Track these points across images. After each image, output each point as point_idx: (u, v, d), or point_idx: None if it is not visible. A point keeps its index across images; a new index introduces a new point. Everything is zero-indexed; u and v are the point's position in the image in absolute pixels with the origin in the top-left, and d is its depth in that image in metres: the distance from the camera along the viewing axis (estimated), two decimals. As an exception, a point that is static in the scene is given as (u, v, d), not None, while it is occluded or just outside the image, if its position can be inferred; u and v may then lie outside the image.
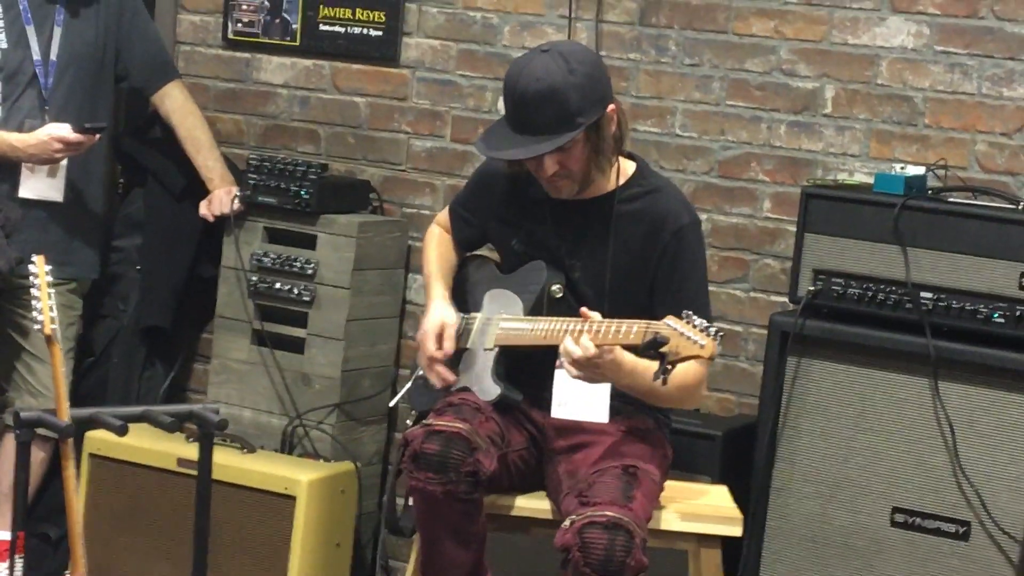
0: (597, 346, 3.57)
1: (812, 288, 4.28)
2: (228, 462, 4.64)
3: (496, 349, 3.88)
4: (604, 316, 3.70)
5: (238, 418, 5.01)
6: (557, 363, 3.69)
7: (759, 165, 4.76)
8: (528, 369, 3.87)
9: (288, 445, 4.97)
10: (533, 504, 3.87)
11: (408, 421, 4.11)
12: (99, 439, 4.81)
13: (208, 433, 3.81)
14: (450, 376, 3.92)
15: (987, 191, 4.36)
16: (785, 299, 4.52)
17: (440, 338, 3.93)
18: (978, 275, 4.11)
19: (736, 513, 3.93)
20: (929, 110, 4.55)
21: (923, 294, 4.16)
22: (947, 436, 4.11)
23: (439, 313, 3.98)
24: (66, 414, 3.66)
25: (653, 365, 3.51)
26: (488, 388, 3.86)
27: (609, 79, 3.81)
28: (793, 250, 4.36)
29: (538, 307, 3.85)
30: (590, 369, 3.61)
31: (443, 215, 4.24)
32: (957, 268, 4.13)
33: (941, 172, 4.47)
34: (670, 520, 3.84)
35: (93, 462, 4.86)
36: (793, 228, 4.44)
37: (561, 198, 3.84)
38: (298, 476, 4.67)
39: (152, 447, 4.77)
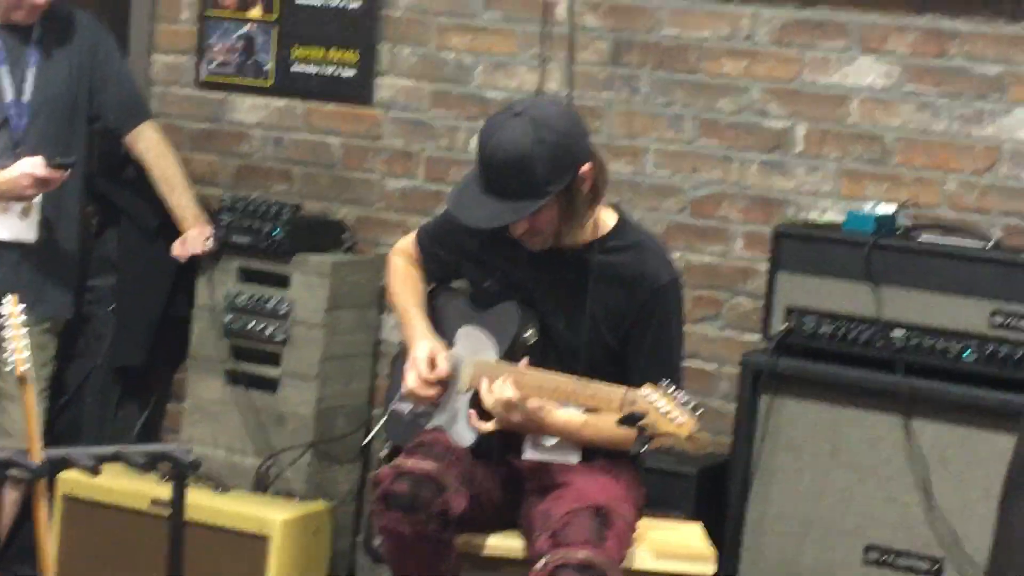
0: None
1: (784, 326, 4.30)
2: (201, 502, 4.62)
3: (471, 392, 3.87)
4: (580, 364, 3.72)
5: (212, 458, 5.00)
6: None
7: (731, 204, 4.78)
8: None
9: (262, 485, 4.96)
10: (506, 544, 3.86)
11: (382, 453, 4.09)
12: (72, 479, 4.79)
13: (181, 473, 3.80)
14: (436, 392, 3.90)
15: (957, 229, 4.39)
16: (758, 337, 4.53)
17: (432, 363, 3.89)
18: (949, 313, 4.13)
19: (709, 551, 3.92)
20: (899, 149, 4.58)
21: (894, 332, 4.17)
22: (919, 473, 4.13)
23: (430, 343, 3.92)
24: (39, 454, 3.65)
25: (577, 418, 3.73)
26: (464, 434, 3.84)
27: (585, 137, 3.73)
28: (765, 288, 4.38)
29: (512, 354, 3.82)
30: (507, 418, 3.72)
31: (406, 243, 4.17)
32: (928, 306, 4.15)
33: (912, 210, 4.50)
34: (643, 558, 3.83)
35: (66, 502, 4.85)
36: (765, 267, 4.45)
37: (533, 249, 3.84)
38: (272, 516, 4.66)
39: (125, 487, 4.76)
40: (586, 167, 3.70)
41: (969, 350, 4.10)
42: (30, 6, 4.72)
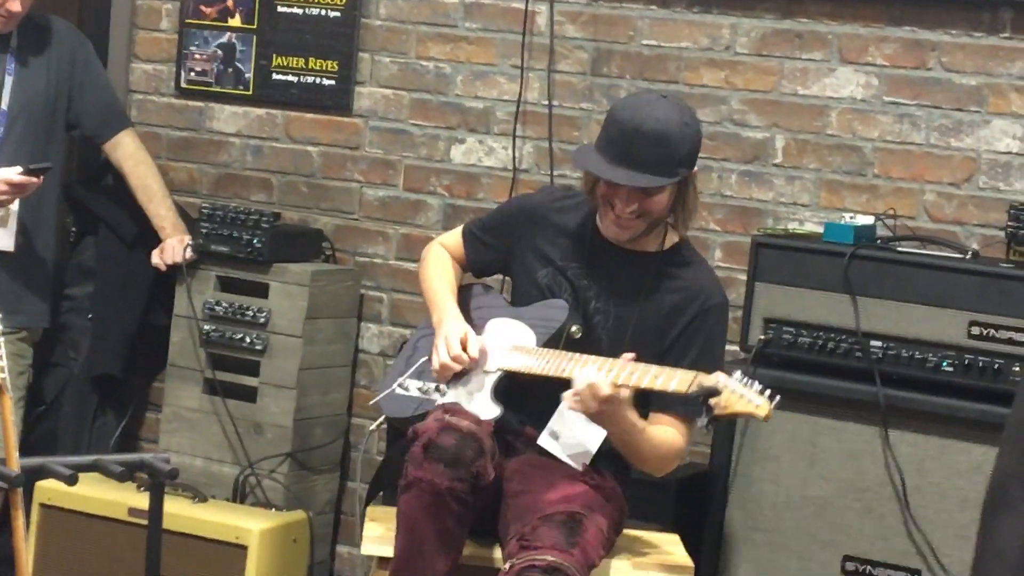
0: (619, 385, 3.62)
1: (763, 337, 4.30)
2: (179, 511, 4.61)
3: (499, 373, 3.87)
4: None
5: (189, 467, 4.99)
6: (565, 394, 3.68)
7: (710, 214, 4.78)
8: (522, 399, 3.88)
9: (240, 494, 4.95)
10: (485, 553, 3.86)
11: (371, 427, 4.14)
12: (49, 489, 4.77)
13: (159, 482, 3.79)
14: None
15: (935, 240, 4.40)
16: (736, 348, 4.53)
17: (464, 344, 3.88)
18: (927, 324, 4.13)
19: (688, 562, 3.93)
20: (878, 160, 4.59)
21: (873, 343, 4.18)
22: (897, 484, 4.13)
23: (464, 325, 3.94)
24: (15, 463, 3.63)
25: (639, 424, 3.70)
26: (486, 407, 3.83)
27: None
28: (744, 299, 4.39)
29: (554, 341, 3.85)
30: (597, 404, 3.61)
31: (450, 238, 4.21)
32: (906, 317, 4.15)
33: (890, 221, 4.51)
34: (621, 569, 3.83)
35: (43, 512, 4.83)
36: (744, 277, 4.46)
37: (617, 238, 3.88)
38: (250, 525, 4.65)
39: (103, 496, 4.74)
40: (696, 170, 3.85)
41: (947, 361, 4.11)
42: (7, 14, 4.70)
